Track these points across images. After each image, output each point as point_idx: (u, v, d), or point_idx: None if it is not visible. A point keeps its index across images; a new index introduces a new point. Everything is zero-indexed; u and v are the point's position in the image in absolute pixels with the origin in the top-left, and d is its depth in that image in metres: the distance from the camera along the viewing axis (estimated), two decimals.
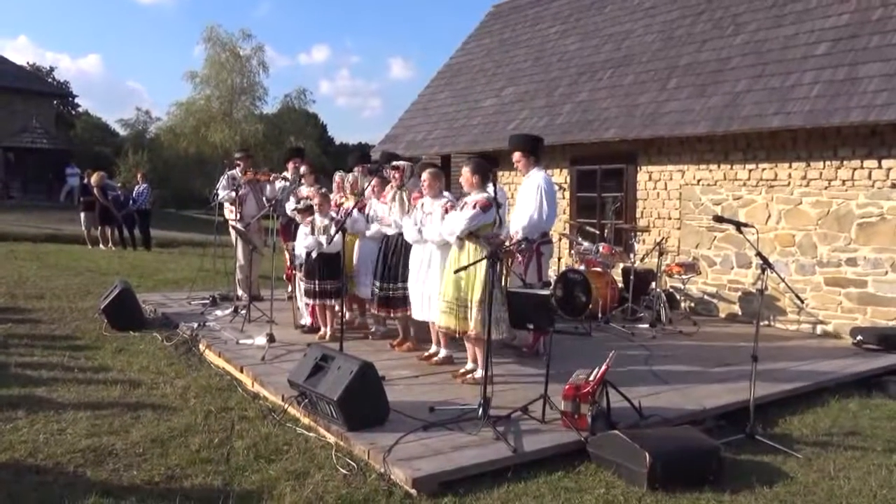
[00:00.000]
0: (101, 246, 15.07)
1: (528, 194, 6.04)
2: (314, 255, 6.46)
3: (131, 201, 15.56)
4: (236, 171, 8.46)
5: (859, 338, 7.11)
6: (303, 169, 7.99)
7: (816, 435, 4.71)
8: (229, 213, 8.45)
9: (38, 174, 25.49)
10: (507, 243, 5.98)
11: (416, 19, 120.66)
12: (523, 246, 5.92)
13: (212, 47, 34.52)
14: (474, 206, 5.17)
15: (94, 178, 15.11)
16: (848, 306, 7.58)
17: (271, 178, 8.49)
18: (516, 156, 6.21)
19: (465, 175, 5.36)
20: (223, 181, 8.38)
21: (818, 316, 7.82)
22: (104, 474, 3.68)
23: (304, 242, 6.56)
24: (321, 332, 6.65)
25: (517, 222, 6.03)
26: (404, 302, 6.02)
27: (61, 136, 30.18)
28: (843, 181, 7.59)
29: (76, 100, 49.29)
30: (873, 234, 7.37)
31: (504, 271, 5.75)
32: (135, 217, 15.63)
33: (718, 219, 5.12)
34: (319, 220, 6.51)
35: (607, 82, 10.23)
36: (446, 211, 5.47)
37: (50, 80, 43.34)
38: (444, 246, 5.52)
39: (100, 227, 15.26)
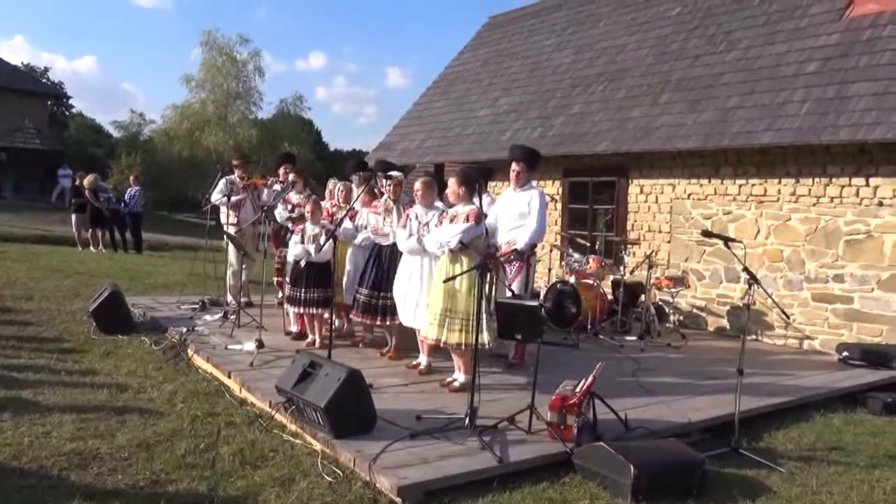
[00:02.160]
0: (91, 248, 15.01)
1: (523, 208, 6.08)
2: (303, 263, 6.46)
3: (123, 203, 15.51)
4: (234, 177, 8.45)
5: (845, 354, 7.17)
6: (291, 176, 7.98)
7: (800, 449, 4.75)
8: (224, 217, 8.43)
9: (31, 174, 25.33)
10: (498, 254, 6.02)
11: (413, 29, 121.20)
12: (512, 258, 5.95)
13: (208, 51, 34.53)
14: (467, 219, 5.19)
15: (86, 181, 15.04)
16: (834, 322, 7.65)
17: (269, 183, 8.50)
18: (518, 166, 6.23)
19: (452, 186, 5.37)
20: (221, 186, 8.35)
21: (805, 331, 7.88)
22: (88, 478, 3.67)
23: (293, 250, 6.56)
24: (309, 340, 6.64)
25: (512, 235, 6.06)
26: (394, 311, 6.02)
27: (54, 137, 30.04)
28: (832, 198, 7.67)
29: (70, 101, 49.18)
30: (860, 251, 7.45)
31: (493, 282, 5.77)
32: (126, 219, 15.57)
33: (707, 233, 5.17)
34: (310, 229, 6.51)
35: (600, 95, 10.32)
36: (441, 221, 5.48)
37: (44, 80, 43.25)
38: (434, 256, 5.53)
39: (91, 229, 15.19)
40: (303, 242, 6.49)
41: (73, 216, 15.46)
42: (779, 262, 8.09)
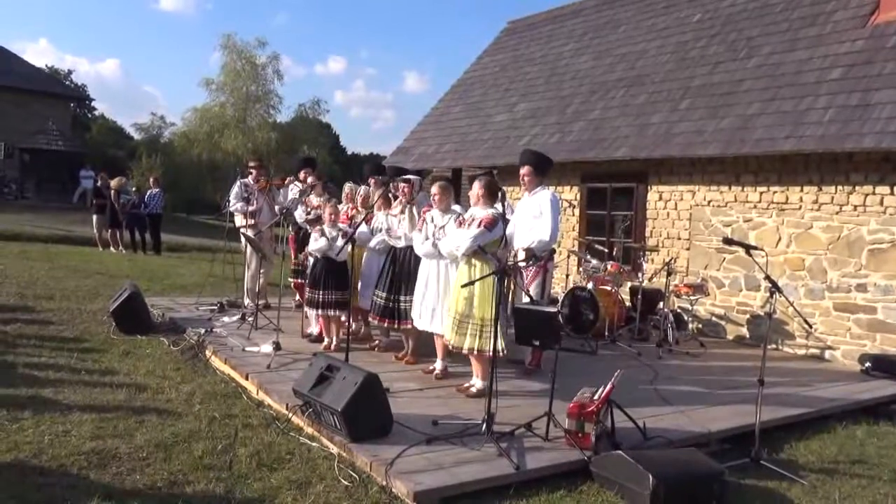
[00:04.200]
0: (111, 248, 15.17)
1: (535, 211, 6.06)
2: (319, 264, 6.48)
3: (143, 205, 15.66)
4: (249, 180, 8.52)
5: (868, 365, 7.06)
6: (310, 179, 8.05)
7: (822, 462, 4.68)
8: (242, 220, 8.50)
9: (53, 175, 25.71)
10: (514, 259, 5.99)
11: (432, 34, 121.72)
12: (530, 263, 5.92)
13: (228, 55, 34.78)
14: (479, 224, 5.18)
15: (114, 182, 15.23)
16: (857, 332, 7.53)
17: (286, 183, 8.56)
18: (526, 170, 6.23)
19: (475, 190, 5.39)
20: (235, 189, 8.45)
21: (827, 341, 7.77)
22: (107, 477, 3.69)
23: (314, 245, 6.55)
24: (325, 343, 6.65)
25: (526, 239, 6.04)
26: (410, 314, 6.01)
27: (77, 139, 30.47)
28: (855, 206, 7.57)
29: (93, 103, 49.82)
30: (884, 261, 7.33)
31: (511, 287, 5.75)
32: (146, 221, 15.73)
33: (728, 241, 5.11)
34: (328, 231, 6.53)
35: (619, 101, 10.26)
36: (460, 224, 5.47)
37: (68, 83, 43.86)
38: (455, 260, 5.52)
39: (111, 230, 15.37)
40: (325, 236, 6.49)
41: (94, 217, 15.65)
42: (800, 271, 7.98)
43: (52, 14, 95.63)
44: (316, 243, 6.53)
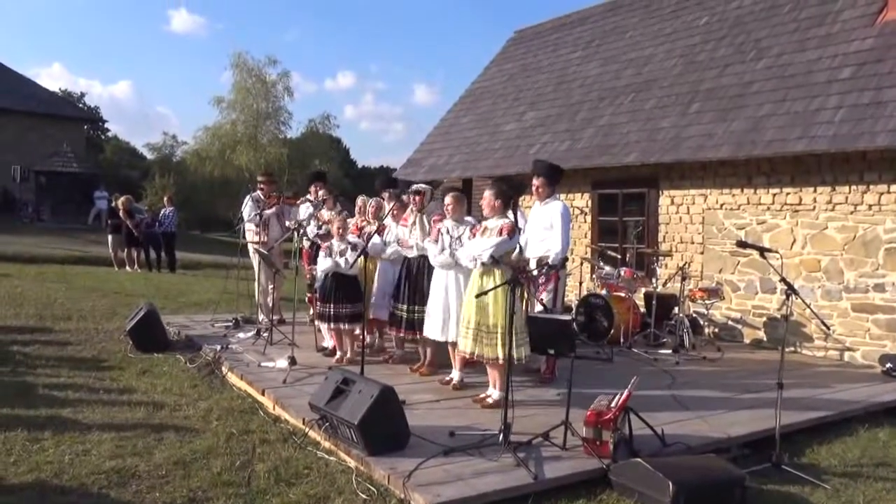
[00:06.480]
0: (127, 268, 15.32)
1: (546, 223, 6.07)
2: (329, 278, 6.51)
3: (157, 224, 15.82)
4: (259, 194, 8.59)
5: (889, 365, 6.96)
6: (321, 193, 8.11)
7: (845, 465, 4.61)
8: (253, 235, 8.57)
9: (68, 197, 26.02)
10: (528, 268, 5.99)
11: (440, 46, 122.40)
12: (544, 271, 5.92)
13: (239, 73, 35.24)
14: (500, 232, 5.17)
15: (120, 202, 15.42)
16: (876, 333, 7.44)
17: (298, 203, 8.61)
18: (539, 181, 6.26)
19: (488, 199, 5.37)
20: (250, 205, 8.51)
21: (845, 342, 7.68)
22: (127, 496, 3.71)
23: (322, 265, 6.60)
24: (337, 356, 6.67)
25: (539, 249, 6.04)
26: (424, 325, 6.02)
27: (91, 160, 30.82)
28: (870, 206, 7.50)
29: (106, 124, 50.47)
30: None
31: (525, 296, 5.74)
32: (160, 239, 15.87)
33: (742, 244, 5.08)
34: (337, 245, 6.57)
35: (628, 107, 10.25)
36: (474, 234, 5.48)
37: (81, 105, 44.48)
38: (467, 270, 5.53)
39: (126, 250, 15.52)
40: (330, 256, 6.54)
41: (110, 237, 15.83)
42: (816, 272, 7.91)
43: (65, 39, 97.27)
44: (323, 262, 6.57)
